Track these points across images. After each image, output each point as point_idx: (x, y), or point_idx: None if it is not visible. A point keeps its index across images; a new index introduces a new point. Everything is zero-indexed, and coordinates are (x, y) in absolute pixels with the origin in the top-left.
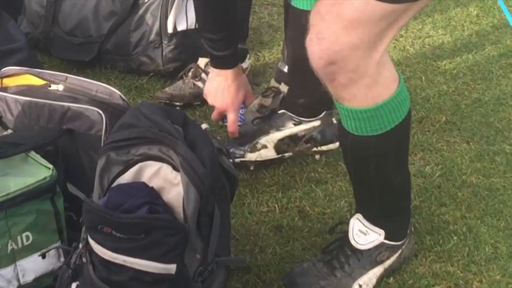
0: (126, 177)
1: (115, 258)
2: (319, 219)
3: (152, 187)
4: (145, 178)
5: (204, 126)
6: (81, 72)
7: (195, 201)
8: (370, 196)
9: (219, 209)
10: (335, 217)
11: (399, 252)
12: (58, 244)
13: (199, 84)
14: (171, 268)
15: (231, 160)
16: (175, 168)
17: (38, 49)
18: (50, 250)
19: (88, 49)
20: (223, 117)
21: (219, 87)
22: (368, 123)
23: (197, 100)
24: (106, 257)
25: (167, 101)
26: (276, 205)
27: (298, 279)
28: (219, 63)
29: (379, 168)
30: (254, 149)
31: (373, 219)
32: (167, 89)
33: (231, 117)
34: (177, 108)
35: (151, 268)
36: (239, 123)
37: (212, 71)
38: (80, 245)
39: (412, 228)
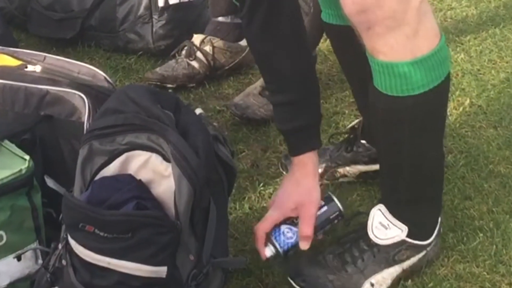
0: (111, 169)
1: (99, 260)
2: None
3: (140, 180)
4: (132, 169)
5: (198, 111)
6: (62, 51)
7: (188, 195)
8: (399, 176)
9: (215, 204)
10: (346, 212)
11: (423, 253)
12: (35, 244)
13: (194, 64)
14: (162, 270)
15: (229, 149)
16: (165, 158)
17: (14, 26)
18: (26, 251)
19: (69, 25)
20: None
21: (285, 178)
22: (405, 80)
23: (192, 81)
24: (88, 259)
25: (158, 83)
26: None
27: (304, 270)
28: (286, 142)
29: (413, 137)
30: (332, 178)
31: (397, 212)
32: (157, 69)
33: (266, 217)
34: (169, 90)
35: (139, 271)
36: (273, 242)
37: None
38: (60, 246)
39: (441, 229)
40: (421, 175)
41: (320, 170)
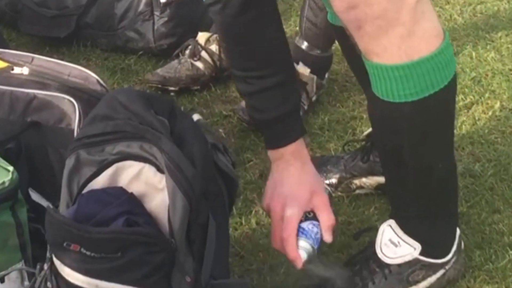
0: (100, 181)
1: (86, 283)
2: (343, 230)
3: (131, 193)
4: (123, 182)
5: (196, 116)
6: (55, 51)
7: (183, 210)
8: (404, 190)
9: (214, 220)
10: (363, 227)
11: (441, 272)
12: (20, 264)
13: (198, 64)
14: None
15: (229, 158)
16: (159, 169)
17: (4, 24)
18: (10, 272)
19: (64, 23)
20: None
21: (272, 178)
22: (401, 84)
23: (196, 84)
24: (74, 281)
25: (159, 86)
26: None
27: None
28: (272, 134)
29: (414, 147)
30: (347, 190)
31: (408, 228)
32: (159, 70)
33: (287, 218)
34: (171, 94)
35: None
36: (305, 242)
37: (269, 157)
38: (46, 266)
39: (462, 244)
40: (429, 188)
41: (333, 181)
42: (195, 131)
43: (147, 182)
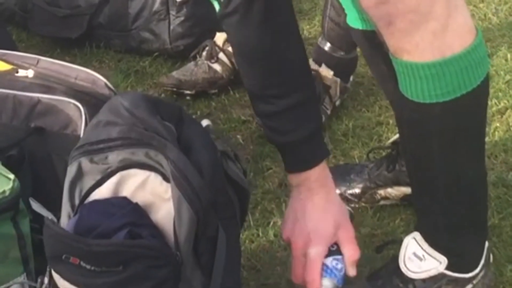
0: (103, 191)
1: None
2: (366, 243)
3: (136, 204)
4: (127, 191)
5: (205, 122)
6: (67, 53)
7: (189, 221)
8: (432, 199)
9: (224, 232)
10: (387, 239)
11: (469, 287)
12: (22, 278)
13: (216, 67)
14: None
15: (241, 167)
16: (166, 178)
17: (13, 24)
18: (11, 286)
19: (76, 23)
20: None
21: (293, 207)
22: (432, 84)
23: (214, 87)
24: None
25: (174, 89)
26: None
27: None
28: (294, 158)
29: (445, 152)
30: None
31: (434, 240)
32: (174, 73)
33: (311, 258)
34: (187, 98)
35: None
36: (329, 282)
37: (289, 182)
38: (46, 280)
39: (491, 256)
40: (458, 197)
41: (357, 191)
42: (204, 137)
43: (152, 191)
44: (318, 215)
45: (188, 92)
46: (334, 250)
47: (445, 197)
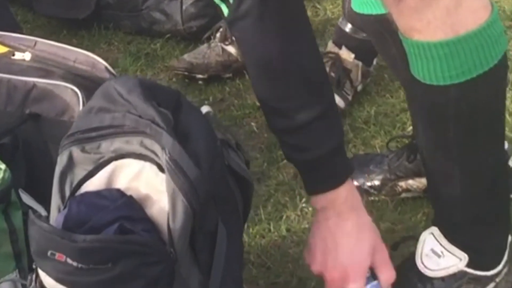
0: (96, 182)
1: None
2: (385, 238)
3: (130, 196)
4: (121, 183)
5: (205, 109)
6: (74, 35)
7: (184, 216)
8: (449, 191)
9: (225, 227)
10: (408, 235)
11: (491, 286)
12: (14, 274)
13: (230, 49)
14: None
15: (243, 157)
16: (162, 169)
17: (19, 5)
18: (3, 282)
19: (83, 3)
20: None
21: (321, 235)
22: (446, 64)
23: (227, 71)
24: None
25: (186, 73)
26: None
27: None
28: (319, 176)
29: (460, 139)
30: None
31: (453, 235)
32: (185, 56)
33: None
34: (200, 82)
35: None
36: None
37: (313, 206)
38: (33, 277)
39: None
40: (479, 187)
41: (376, 183)
42: (203, 125)
43: (147, 183)
44: (353, 246)
45: (200, 76)
46: (369, 276)
47: (463, 188)
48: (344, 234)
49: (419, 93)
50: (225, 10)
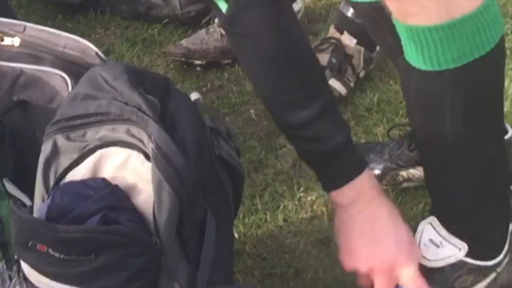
0: (81, 171)
1: None
2: None
3: (115, 186)
4: (107, 172)
5: (194, 96)
6: (70, 19)
7: (170, 206)
8: (447, 179)
9: (214, 217)
10: (410, 226)
11: (492, 276)
12: (1, 265)
13: None
14: None
15: (234, 145)
16: (148, 157)
17: None
18: None
19: None
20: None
21: (358, 230)
22: (442, 48)
23: (226, 57)
24: (41, 286)
25: (183, 59)
26: (325, 209)
27: None
28: (344, 165)
29: (457, 126)
30: (393, 183)
31: (452, 224)
32: (183, 41)
33: (410, 273)
34: (197, 69)
35: None
36: None
37: (337, 204)
38: (15, 269)
39: None
40: (477, 175)
41: (377, 172)
42: (191, 113)
43: (134, 172)
44: (395, 230)
45: (198, 62)
46: None
47: (461, 176)
48: (384, 221)
49: (413, 79)
50: (223, 6)
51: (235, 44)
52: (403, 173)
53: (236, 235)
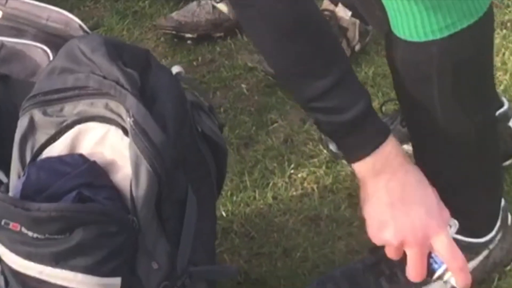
0: (58, 147)
1: (28, 268)
2: None
3: (93, 162)
4: (85, 148)
5: (176, 69)
6: None
7: (148, 183)
8: (435, 153)
9: (195, 195)
10: None
11: (484, 254)
12: None
13: (221, 7)
14: (114, 283)
15: (216, 121)
16: (127, 132)
17: None
18: None
19: None
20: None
21: (386, 202)
22: (428, 18)
23: (218, 30)
24: (16, 267)
25: (174, 32)
26: (316, 186)
27: (327, 285)
28: (371, 131)
29: (446, 98)
30: None
31: (442, 201)
32: (174, 14)
33: (443, 239)
34: (188, 42)
35: (82, 283)
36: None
37: (362, 176)
38: None
39: (510, 217)
40: (466, 149)
41: None
42: (172, 87)
43: (112, 148)
44: (425, 197)
45: (189, 35)
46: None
47: (450, 150)
48: (412, 189)
49: (399, 50)
50: None
51: (243, 16)
52: None
53: (223, 214)
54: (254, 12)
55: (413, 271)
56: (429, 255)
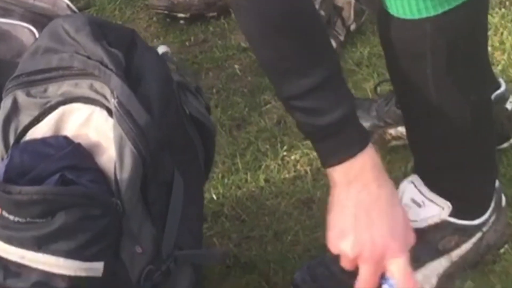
0: (42, 129)
1: (9, 253)
2: None
3: (78, 144)
4: (70, 129)
5: (162, 49)
6: None
7: (133, 165)
8: (429, 134)
9: (182, 177)
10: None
11: (478, 236)
12: None
13: None
14: (96, 267)
15: (203, 101)
16: (112, 113)
17: None
18: None
19: None
20: None
21: (352, 212)
22: None
23: (212, 9)
24: None
25: (166, 12)
26: (309, 169)
27: (317, 269)
28: (348, 137)
29: (440, 76)
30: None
31: (434, 182)
32: None
33: (401, 264)
34: (181, 22)
35: (64, 268)
36: None
37: (334, 182)
38: None
39: (503, 199)
40: (460, 128)
41: None
42: (157, 67)
43: (97, 129)
44: (392, 216)
45: (182, 15)
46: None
47: (444, 130)
48: (381, 205)
49: (392, 29)
50: None
51: (234, 5)
52: (391, 131)
53: (214, 197)
54: (244, 2)
55: (361, 287)
56: (383, 275)
